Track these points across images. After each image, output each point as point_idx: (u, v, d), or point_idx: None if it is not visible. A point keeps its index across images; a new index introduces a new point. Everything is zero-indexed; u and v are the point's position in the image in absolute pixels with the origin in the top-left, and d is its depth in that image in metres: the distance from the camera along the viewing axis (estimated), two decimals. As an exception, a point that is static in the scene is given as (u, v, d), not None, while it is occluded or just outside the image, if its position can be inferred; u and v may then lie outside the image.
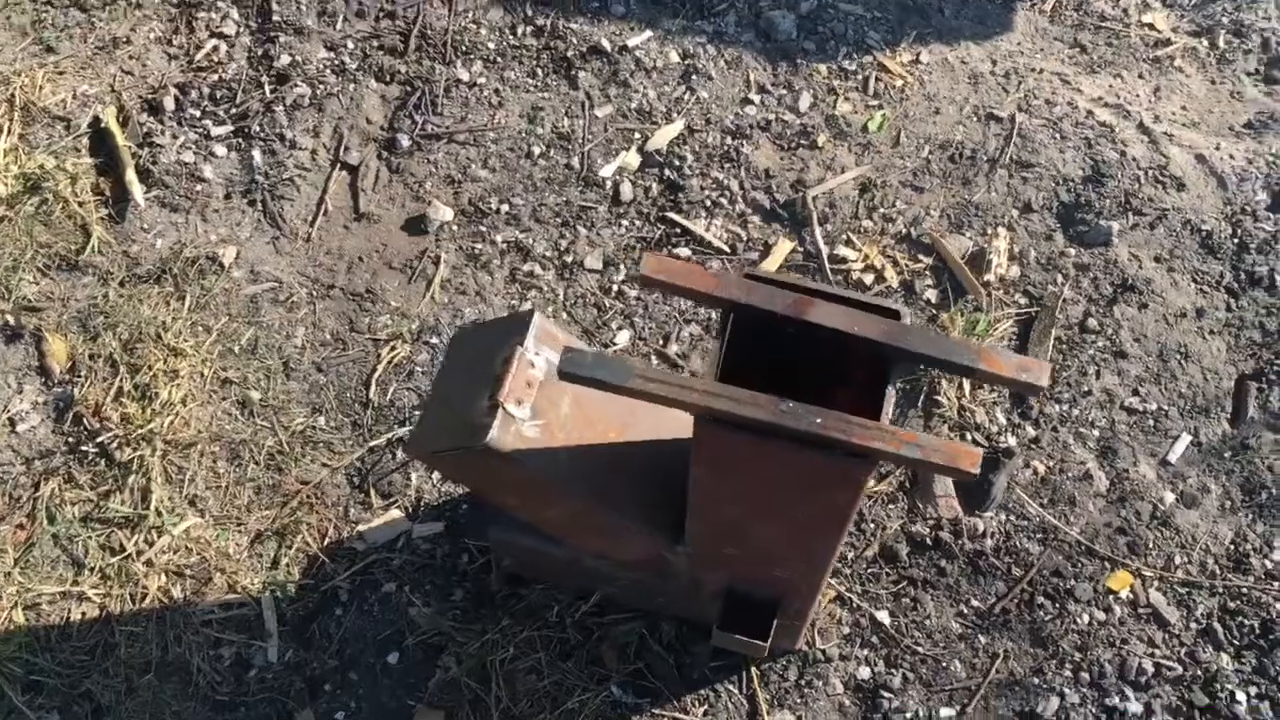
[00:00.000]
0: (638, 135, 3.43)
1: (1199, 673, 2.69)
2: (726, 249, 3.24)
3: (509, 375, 2.06)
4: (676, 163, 3.36)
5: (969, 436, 2.95)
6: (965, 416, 2.98)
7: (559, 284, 3.19)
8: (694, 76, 3.52)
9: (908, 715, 2.65)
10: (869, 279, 3.18)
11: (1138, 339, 3.11)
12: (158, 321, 3.10)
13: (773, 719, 2.63)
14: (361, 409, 3.01)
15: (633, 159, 3.39)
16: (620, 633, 2.71)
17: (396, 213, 3.32)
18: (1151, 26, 3.78)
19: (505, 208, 3.30)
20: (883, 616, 2.75)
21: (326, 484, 2.91)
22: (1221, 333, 3.13)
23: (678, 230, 3.26)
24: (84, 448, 2.93)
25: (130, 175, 3.32)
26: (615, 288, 3.18)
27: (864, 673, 2.69)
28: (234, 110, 3.47)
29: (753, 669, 2.68)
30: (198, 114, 3.47)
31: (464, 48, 3.58)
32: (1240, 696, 2.66)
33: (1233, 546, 2.84)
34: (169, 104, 3.48)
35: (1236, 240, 3.25)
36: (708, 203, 3.30)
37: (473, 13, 3.66)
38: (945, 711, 2.66)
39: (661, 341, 3.10)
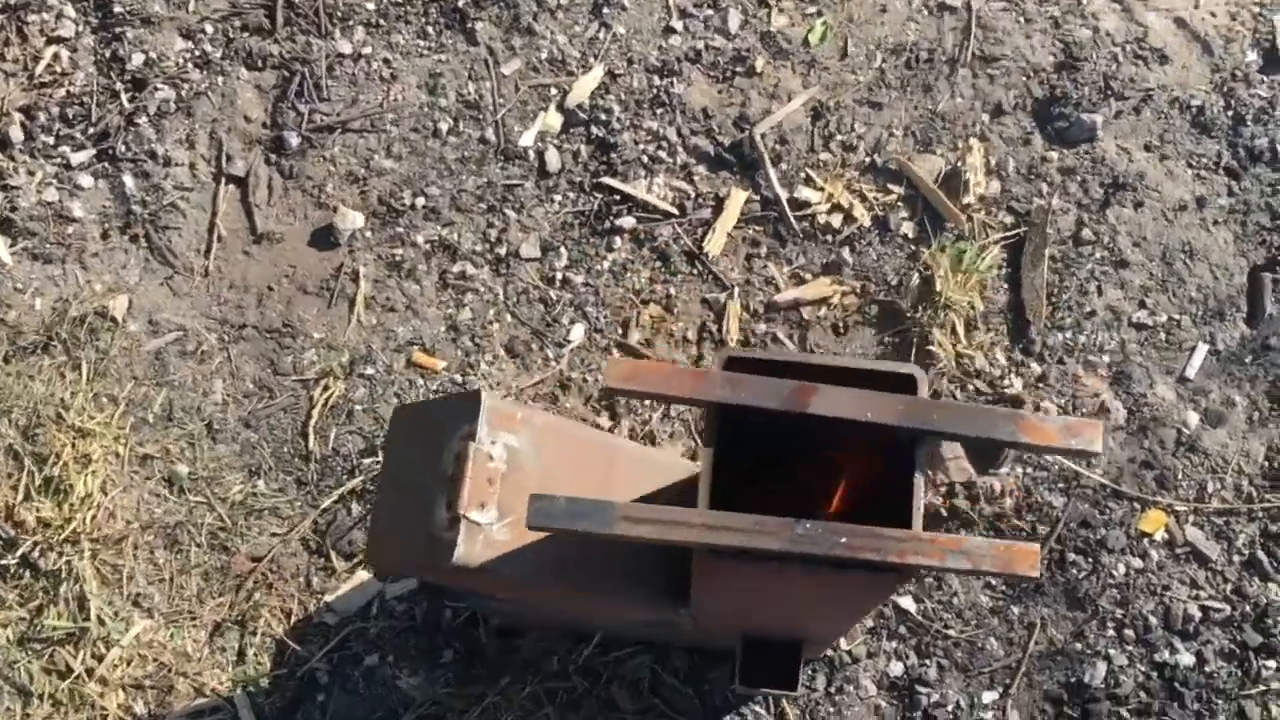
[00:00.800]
0: (554, 91, 3.02)
1: (1248, 609, 2.52)
2: (675, 210, 2.89)
3: (466, 477, 1.76)
4: (603, 117, 2.97)
5: (970, 386, 2.69)
6: (963, 364, 2.71)
7: (496, 281, 2.85)
8: (605, 9, 3.09)
9: (949, 708, 2.47)
10: (837, 221, 2.86)
11: (1137, 243, 2.83)
12: (55, 399, 2.74)
13: (808, 740, 2.45)
14: (303, 463, 2.69)
15: (553, 120, 2.99)
16: (630, 669, 2.49)
17: (300, 226, 2.93)
18: None
19: (421, 201, 2.92)
20: (907, 603, 2.54)
21: (281, 556, 2.63)
22: (1226, 221, 2.85)
23: (617, 198, 2.90)
24: (3, 561, 2.61)
25: (-11, 230, 2.90)
26: (559, 276, 2.84)
27: (896, 668, 2.50)
28: (92, 130, 3.02)
29: (778, 688, 2.48)
30: (51, 141, 3.02)
31: (339, 14, 3.12)
32: (1294, 629, 2.50)
33: (1267, 463, 2.64)
34: (16, 134, 3.02)
35: (1231, 113, 2.93)
36: (645, 159, 2.94)
37: (343, -32, 3.18)
38: (988, 696, 2.48)
39: (621, 330, 2.78)
